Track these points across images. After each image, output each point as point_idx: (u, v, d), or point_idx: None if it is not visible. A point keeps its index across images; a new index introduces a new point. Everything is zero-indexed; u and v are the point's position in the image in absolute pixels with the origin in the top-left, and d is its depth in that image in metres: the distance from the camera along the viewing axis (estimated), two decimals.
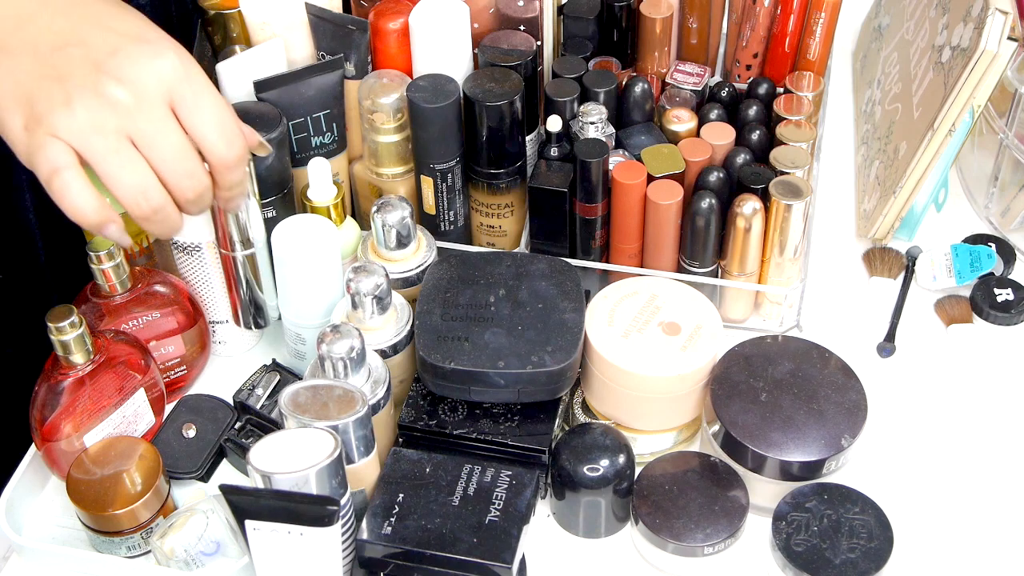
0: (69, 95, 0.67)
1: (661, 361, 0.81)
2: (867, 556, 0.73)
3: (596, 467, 0.78)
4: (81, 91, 0.67)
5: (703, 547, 0.76)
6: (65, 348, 0.78)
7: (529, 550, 0.79)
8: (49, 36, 0.69)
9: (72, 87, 0.67)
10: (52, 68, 0.68)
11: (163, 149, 0.68)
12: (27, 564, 0.81)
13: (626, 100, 0.96)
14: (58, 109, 0.67)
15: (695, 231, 0.89)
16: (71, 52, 0.68)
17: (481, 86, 0.89)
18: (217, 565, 0.77)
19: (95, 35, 0.69)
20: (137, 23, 0.71)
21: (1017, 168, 1.00)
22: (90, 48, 0.68)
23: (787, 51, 1.00)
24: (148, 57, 0.68)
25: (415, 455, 0.79)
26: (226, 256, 0.84)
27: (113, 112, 0.67)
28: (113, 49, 0.68)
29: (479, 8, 0.94)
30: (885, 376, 0.92)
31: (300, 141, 0.90)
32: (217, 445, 0.84)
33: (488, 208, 0.94)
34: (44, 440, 0.80)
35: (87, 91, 0.67)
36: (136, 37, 0.70)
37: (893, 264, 0.99)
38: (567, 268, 0.85)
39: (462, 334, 0.80)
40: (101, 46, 0.68)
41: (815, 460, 0.78)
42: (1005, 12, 0.87)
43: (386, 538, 0.74)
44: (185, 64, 0.70)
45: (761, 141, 0.94)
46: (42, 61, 0.68)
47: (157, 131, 0.68)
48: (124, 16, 0.71)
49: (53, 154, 0.67)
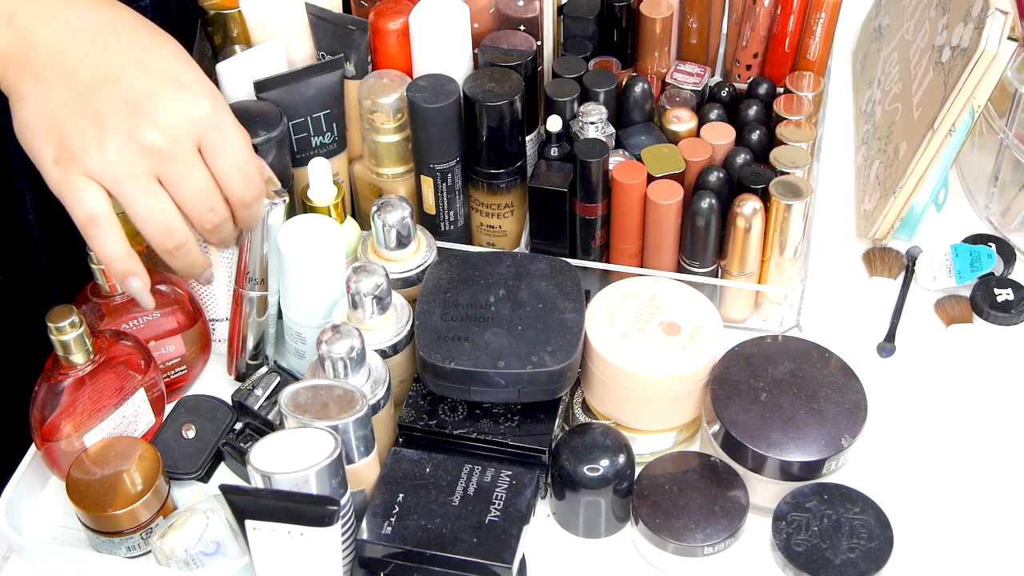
0: (103, 136, 0.69)
1: (661, 361, 0.81)
2: (867, 556, 0.73)
3: (596, 467, 0.78)
4: (115, 133, 0.69)
5: (703, 547, 0.76)
6: (65, 348, 0.78)
7: (529, 550, 0.79)
8: (86, 70, 0.70)
9: (106, 128, 0.69)
10: (87, 105, 0.69)
11: (189, 188, 0.71)
12: (27, 564, 0.81)
13: (626, 100, 0.96)
14: (91, 149, 0.69)
15: (695, 231, 0.89)
16: (107, 91, 0.69)
17: (481, 86, 0.89)
18: (217, 565, 0.77)
19: (132, 75, 0.70)
20: (173, 62, 0.72)
21: (1017, 168, 1.00)
22: (126, 89, 0.69)
23: (787, 51, 1.00)
24: (183, 103, 0.70)
25: (415, 455, 0.79)
26: (239, 293, 0.84)
27: (146, 156, 0.70)
28: (149, 93, 0.70)
29: (479, 8, 0.94)
30: (885, 376, 0.92)
31: (300, 141, 0.90)
32: (216, 446, 0.84)
33: (488, 208, 0.94)
34: (44, 440, 0.80)
35: (121, 133, 0.69)
36: (172, 80, 0.71)
37: (893, 264, 0.99)
38: (567, 268, 0.85)
39: (462, 334, 0.80)
40: (137, 88, 0.70)
41: (815, 460, 0.78)
42: (1005, 12, 0.87)
43: (386, 538, 0.74)
44: (216, 108, 0.72)
45: (761, 141, 0.94)
46: (77, 96, 0.69)
47: (185, 172, 0.71)
48: (161, 53, 0.72)
49: (89, 201, 0.69)
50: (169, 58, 0.72)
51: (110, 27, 0.71)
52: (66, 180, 0.70)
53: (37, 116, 0.70)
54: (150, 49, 0.72)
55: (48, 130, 0.69)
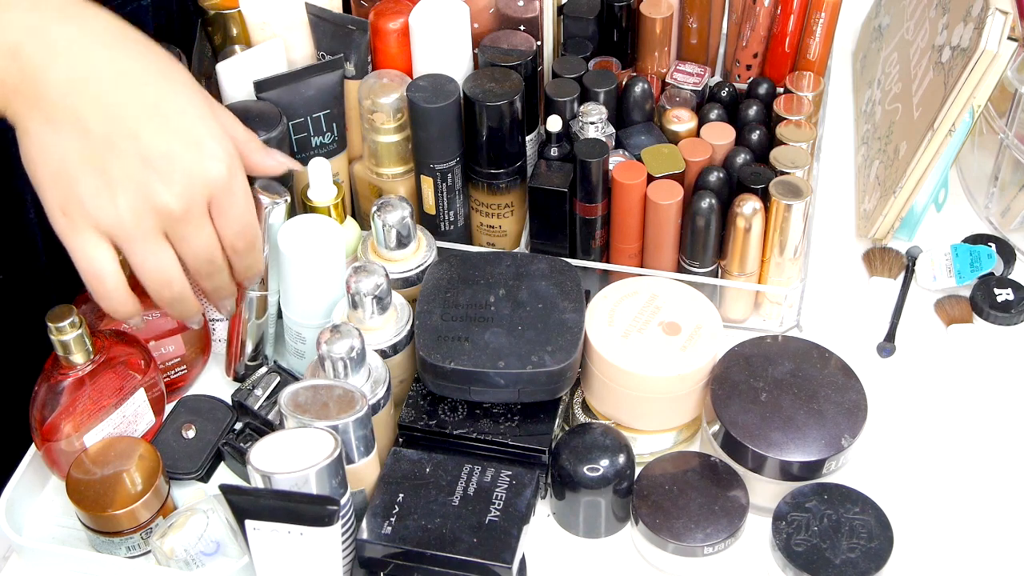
0: (115, 193, 0.67)
1: (661, 361, 0.81)
2: (867, 556, 0.73)
3: (596, 467, 0.78)
4: (128, 191, 0.68)
5: (703, 547, 0.76)
6: (65, 348, 0.77)
7: (529, 550, 0.79)
8: (99, 120, 0.67)
9: (120, 185, 0.67)
10: (101, 159, 0.67)
11: (194, 246, 0.71)
12: (27, 564, 0.81)
13: (626, 100, 0.96)
14: (104, 205, 0.68)
15: (695, 231, 0.89)
16: (122, 146, 0.67)
17: (481, 86, 0.89)
18: (217, 565, 0.77)
19: (148, 130, 0.68)
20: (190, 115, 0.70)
21: (1017, 168, 1.00)
22: (142, 145, 0.68)
23: (787, 51, 1.00)
24: (199, 166, 0.69)
25: (415, 455, 0.79)
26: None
27: (158, 216, 0.69)
28: (165, 153, 0.68)
29: (479, 8, 0.94)
30: (885, 376, 0.92)
31: (300, 141, 0.90)
32: (216, 446, 0.84)
33: (488, 208, 0.94)
34: (44, 440, 0.80)
35: (135, 192, 0.68)
36: (189, 138, 0.69)
37: (893, 264, 0.99)
38: (567, 268, 0.85)
39: (462, 334, 0.80)
40: (154, 146, 0.68)
41: (815, 460, 0.78)
42: (1005, 12, 0.87)
43: (386, 538, 0.74)
44: (231, 169, 0.71)
45: (761, 141, 0.94)
46: (90, 147, 0.67)
47: (193, 232, 0.71)
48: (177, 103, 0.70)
49: (97, 258, 0.69)
50: (186, 109, 0.70)
51: (125, 70, 0.68)
52: (73, 232, 0.69)
53: (47, 160, 0.68)
54: (166, 98, 0.69)
55: (58, 177, 0.68)
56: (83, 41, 0.68)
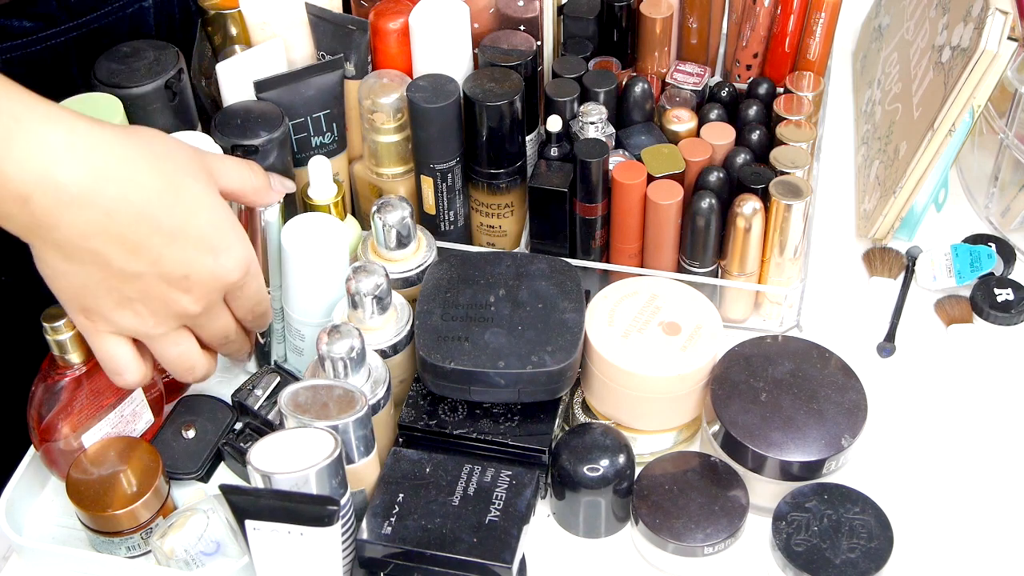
0: (136, 307, 0.70)
1: (661, 361, 0.81)
2: (867, 556, 0.73)
3: (596, 467, 0.78)
4: (147, 303, 0.70)
5: (703, 547, 0.76)
6: (61, 348, 0.77)
7: (529, 550, 0.79)
8: (120, 255, 0.66)
9: (140, 300, 0.69)
10: (122, 286, 0.68)
11: (210, 331, 0.75)
12: (27, 564, 0.81)
13: (626, 100, 0.96)
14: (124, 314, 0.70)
15: (695, 231, 0.89)
16: (143, 274, 0.68)
17: (481, 86, 0.89)
18: (217, 565, 0.77)
19: (168, 253, 0.68)
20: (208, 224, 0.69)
21: (1017, 168, 1.00)
22: (163, 270, 0.68)
23: (787, 51, 1.00)
24: (217, 271, 0.70)
25: (415, 455, 0.79)
26: None
27: (177, 318, 0.71)
28: (185, 271, 0.69)
29: (479, 8, 0.94)
30: (885, 376, 0.92)
31: (300, 141, 0.90)
32: (216, 446, 0.84)
33: (488, 208, 0.94)
34: (42, 440, 0.80)
35: (153, 303, 0.70)
36: (207, 247, 0.69)
37: (893, 264, 0.99)
38: (567, 268, 0.85)
39: (462, 334, 0.80)
40: (175, 268, 0.68)
41: (815, 460, 0.78)
42: (1005, 12, 0.88)
43: (386, 538, 0.74)
44: (248, 268, 0.72)
45: (761, 141, 0.94)
46: (112, 276, 0.67)
47: (211, 321, 0.74)
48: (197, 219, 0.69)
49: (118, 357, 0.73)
50: (204, 220, 0.69)
51: (143, 204, 0.66)
52: (96, 334, 0.71)
53: (66, 284, 0.68)
54: (185, 219, 0.68)
55: (78, 296, 0.69)
56: (95, 184, 0.64)
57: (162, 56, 0.86)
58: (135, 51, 0.86)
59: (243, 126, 0.84)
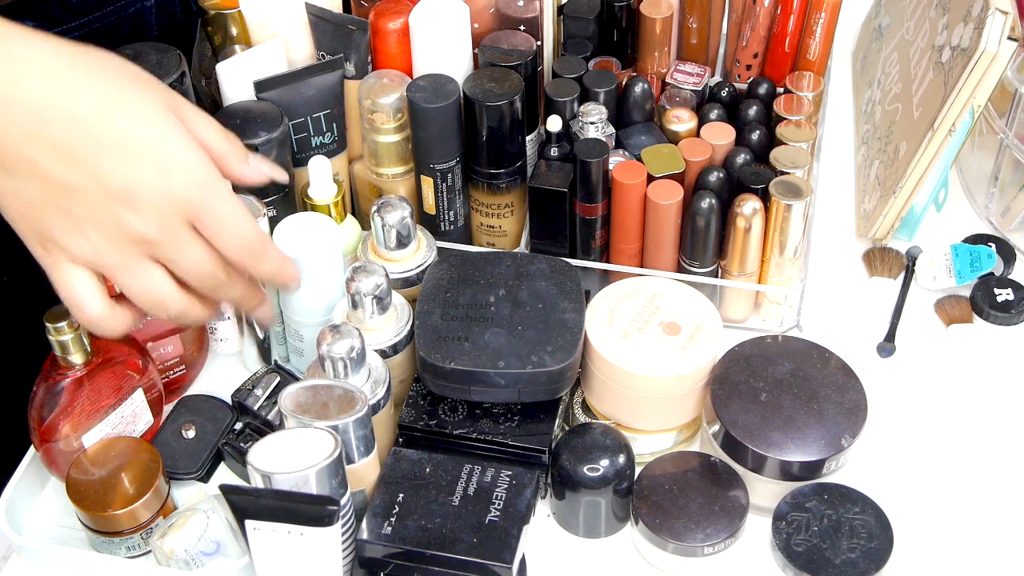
0: (83, 227, 0.66)
1: (661, 361, 0.81)
2: (867, 556, 0.73)
3: (596, 467, 0.78)
4: (97, 225, 0.66)
5: (703, 547, 0.76)
6: (63, 348, 0.78)
7: (529, 550, 0.79)
8: (58, 164, 0.64)
9: (86, 222, 0.65)
10: (63, 201, 0.65)
11: (185, 265, 0.68)
12: (27, 564, 0.81)
13: (626, 100, 0.96)
14: (76, 239, 0.66)
15: (695, 231, 0.89)
16: (82, 187, 0.65)
17: (481, 86, 0.89)
18: (217, 565, 0.77)
19: (106, 166, 0.65)
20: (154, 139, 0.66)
21: (1017, 168, 1.00)
22: (101, 182, 0.65)
23: (787, 51, 1.00)
24: (166, 188, 0.66)
25: (415, 455, 0.79)
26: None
27: (135, 243, 0.66)
28: (125, 183, 0.65)
29: (479, 8, 0.94)
30: (885, 376, 0.92)
31: (300, 141, 0.90)
32: (216, 446, 0.84)
33: (488, 208, 0.94)
34: (43, 440, 0.80)
35: (104, 225, 0.66)
36: (153, 163, 0.65)
37: (893, 264, 0.99)
38: (567, 268, 0.85)
39: (462, 334, 0.80)
40: (113, 179, 0.65)
41: (815, 460, 0.78)
42: (1005, 12, 0.88)
43: (386, 538, 0.74)
44: (206, 185, 0.67)
45: (761, 141, 0.94)
46: (52, 191, 0.65)
47: (179, 252, 0.68)
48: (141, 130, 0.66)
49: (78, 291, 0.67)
50: (147, 135, 0.66)
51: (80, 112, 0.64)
52: (53, 264, 0.67)
53: (13, 203, 0.66)
54: (126, 130, 0.65)
55: (28, 222, 0.66)
56: (33, 88, 0.63)
57: (164, 59, 0.86)
58: (137, 54, 0.86)
59: (243, 126, 0.84)
